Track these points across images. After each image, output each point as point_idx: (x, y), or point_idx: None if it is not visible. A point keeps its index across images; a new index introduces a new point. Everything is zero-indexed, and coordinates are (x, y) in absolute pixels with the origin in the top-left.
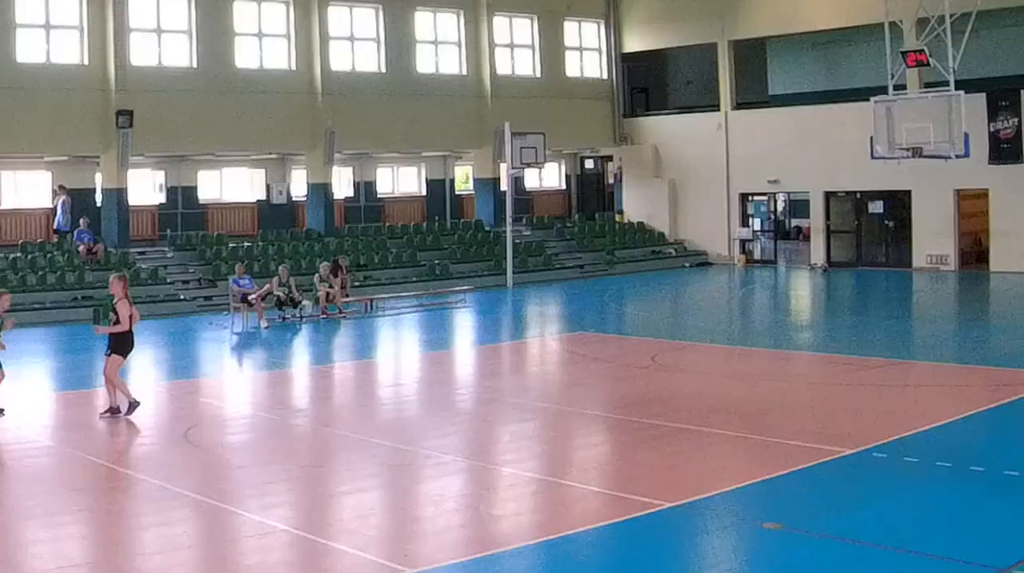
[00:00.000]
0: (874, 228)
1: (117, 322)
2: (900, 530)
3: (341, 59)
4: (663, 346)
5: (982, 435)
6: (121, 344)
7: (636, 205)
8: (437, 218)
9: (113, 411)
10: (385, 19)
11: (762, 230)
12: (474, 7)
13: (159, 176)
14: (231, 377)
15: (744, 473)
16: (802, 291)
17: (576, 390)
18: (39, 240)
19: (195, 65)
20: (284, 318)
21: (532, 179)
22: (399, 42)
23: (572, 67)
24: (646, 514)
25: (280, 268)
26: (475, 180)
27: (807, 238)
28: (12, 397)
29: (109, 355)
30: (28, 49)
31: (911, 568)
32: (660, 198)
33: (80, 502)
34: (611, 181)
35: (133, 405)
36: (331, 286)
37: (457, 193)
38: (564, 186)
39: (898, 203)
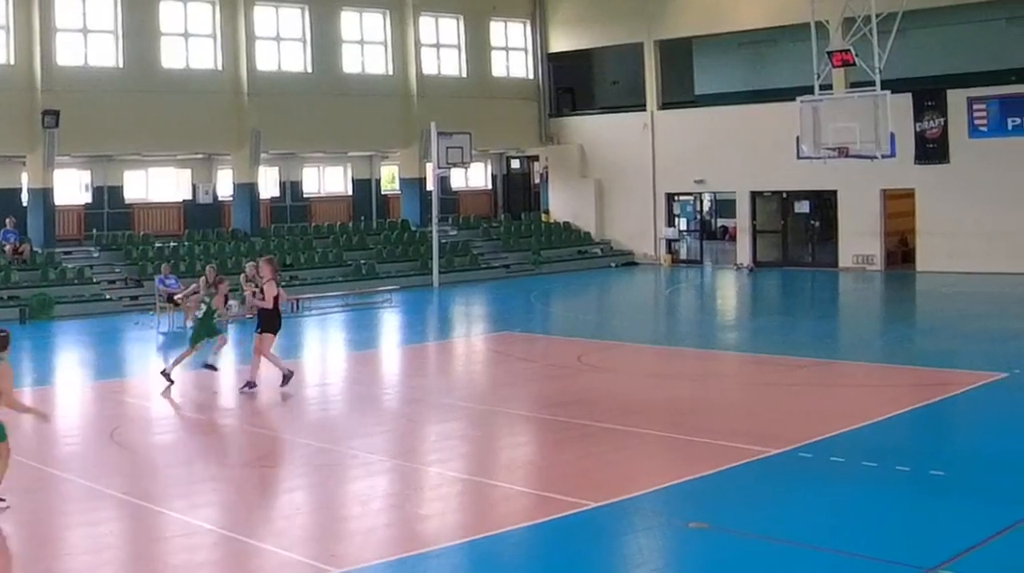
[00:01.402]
0: (800, 228)
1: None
2: (826, 530)
3: (267, 59)
4: (589, 346)
5: (908, 435)
6: (269, 322)
7: (562, 205)
8: (363, 218)
9: (251, 385)
10: (311, 19)
11: (688, 230)
12: (400, 7)
13: (85, 176)
14: (157, 377)
15: (670, 473)
16: (728, 291)
17: (502, 390)
18: None
19: (121, 65)
20: None
21: (458, 179)
22: (325, 42)
23: (498, 67)
24: (572, 514)
25: (207, 268)
26: (401, 180)
27: (733, 238)
28: None
29: (260, 333)
30: None
31: (837, 568)
32: (586, 198)
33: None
34: (537, 181)
35: (287, 377)
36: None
37: (383, 193)
38: (490, 186)
39: (824, 203)
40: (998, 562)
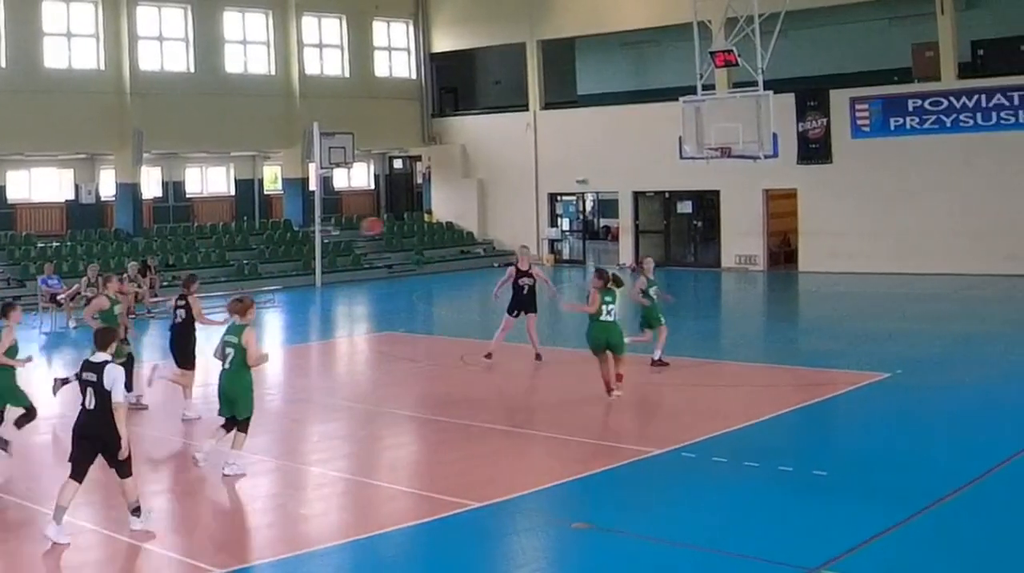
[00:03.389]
0: (683, 228)
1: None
2: (709, 530)
3: (150, 59)
4: (472, 346)
5: (790, 435)
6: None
7: (445, 205)
8: (246, 218)
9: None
10: (194, 19)
11: (571, 230)
12: (282, 7)
13: None
14: (38, 377)
15: (553, 473)
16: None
17: (385, 390)
18: None
19: (3, 65)
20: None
21: (341, 179)
22: (208, 42)
23: (381, 67)
24: (454, 514)
25: (89, 268)
26: (284, 180)
27: (616, 238)
28: None
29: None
30: None
31: (720, 568)
32: (469, 198)
33: None
34: (420, 181)
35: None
36: (140, 286)
37: (266, 193)
38: (373, 186)
39: (707, 203)
40: (880, 562)
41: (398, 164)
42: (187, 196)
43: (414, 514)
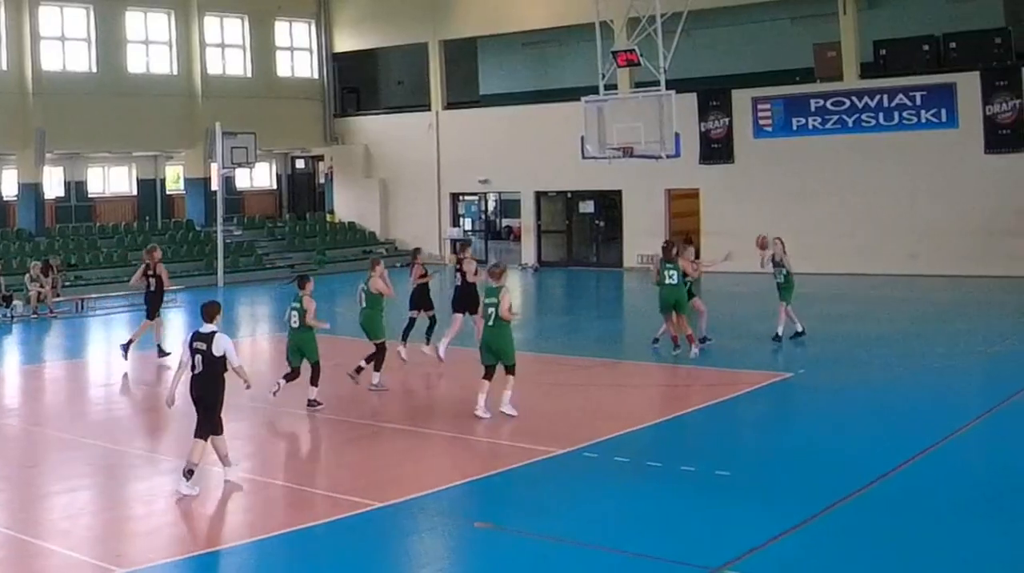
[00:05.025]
0: (585, 228)
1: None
2: (612, 530)
3: (52, 59)
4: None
5: (693, 435)
6: None
7: (347, 205)
8: (148, 218)
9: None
10: (96, 19)
11: (473, 230)
12: (185, 7)
13: None
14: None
15: (455, 473)
16: (512, 291)
17: (288, 390)
18: None
19: None
20: None
21: (243, 179)
22: (110, 42)
23: (283, 67)
24: (357, 514)
25: None
26: (186, 180)
27: (518, 238)
28: None
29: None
30: None
31: (623, 568)
32: (371, 198)
33: None
34: (322, 181)
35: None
36: (42, 286)
37: (168, 193)
38: (275, 186)
39: (609, 203)
40: (782, 562)
41: (300, 164)
42: (89, 196)
43: (317, 514)
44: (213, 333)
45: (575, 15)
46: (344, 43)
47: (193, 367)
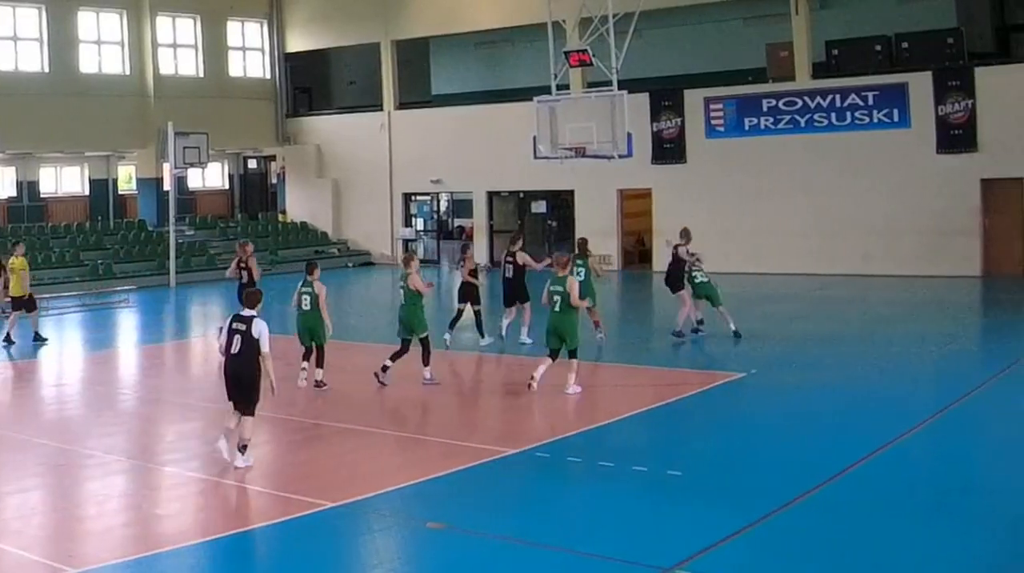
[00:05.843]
0: (537, 228)
1: None
2: (564, 530)
3: (4, 59)
4: (327, 345)
5: (645, 435)
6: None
7: (299, 205)
8: (100, 218)
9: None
10: (48, 19)
11: (425, 230)
12: (137, 7)
13: None
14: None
15: (408, 473)
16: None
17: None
18: None
19: None
20: None
21: (195, 179)
22: (62, 42)
23: (235, 67)
24: (309, 514)
25: None
26: (138, 180)
27: (470, 238)
28: None
29: None
30: None
31: (574, 568)
32: (323, 198)
33: None
34: (274, 181)
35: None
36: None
37: (120, 193)
38: (227, 186)
39: (561, 203)
40: (734, 562)
41: (252, 164)
42: (41, 196)
43: (268, 514)
44: (253, 317)
45: (527, 15)
46: (296, 43)
47: (231, 346)
